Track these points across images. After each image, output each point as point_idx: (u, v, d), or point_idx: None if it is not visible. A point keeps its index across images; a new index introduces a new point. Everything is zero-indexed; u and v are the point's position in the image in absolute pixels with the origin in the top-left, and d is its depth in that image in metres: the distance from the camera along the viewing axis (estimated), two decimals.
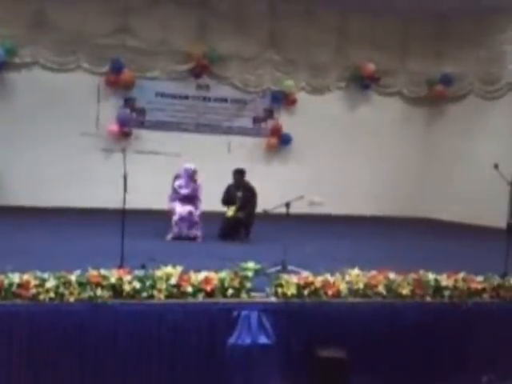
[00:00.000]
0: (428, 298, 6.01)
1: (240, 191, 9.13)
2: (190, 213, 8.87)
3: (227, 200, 9.19)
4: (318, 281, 5.80)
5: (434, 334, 5.92)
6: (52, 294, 5.15)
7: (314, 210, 11.54)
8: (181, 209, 8.87)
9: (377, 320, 5.80)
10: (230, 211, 9.05)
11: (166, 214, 9.05)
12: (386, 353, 5.77)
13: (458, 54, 13.02)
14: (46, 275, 5.27)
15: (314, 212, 11.72)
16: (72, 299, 5.19)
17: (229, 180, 9.31)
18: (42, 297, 5.13)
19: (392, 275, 6.05)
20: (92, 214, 10.74)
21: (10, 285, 5.12)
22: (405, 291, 5.94)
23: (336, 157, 13.07)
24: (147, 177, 10.71)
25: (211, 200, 9.01)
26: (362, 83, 13.35)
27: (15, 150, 11.14)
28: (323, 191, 12.31)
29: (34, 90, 11.36)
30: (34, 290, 5.13)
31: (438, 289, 6.06)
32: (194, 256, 7.18)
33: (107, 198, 9.27)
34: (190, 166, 9.07)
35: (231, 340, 5.39)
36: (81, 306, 5.19)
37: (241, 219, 9.03)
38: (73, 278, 5.28)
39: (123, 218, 6.39)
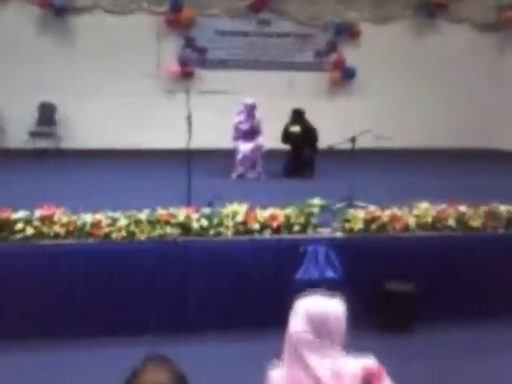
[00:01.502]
0: (500, 231, 5.89)
1: (297, 126, 9.14)
2: (253, 150, 8.93)
3: (286, 138, 9.22)
4: (386, 215, 5.76)
5: (506, 266, 5.82)
6: (123, 233, 5.33)
7: (381, 144, 11.34)
8: (244, 147, 8.94)
9: (446, 253, 5.75)
10: (295, 128, 9.11)
11: (231, 153, 9.13)
12: (456, 287, 5.73)
13: None
14: (117, 215, 5.45)
15: (380, 146, 11.54)
16: (143, 237, 5.36)
17: None
18: (114, 235, 5.33)
19: (462, 208, 5.95)
20: (157, 155, 10.91)
21: (83, 224, 5.34)
22: (476, 224, 5.84)
23: (403, 89, 12.67)
24: (210, 116, 10.74)
25: (274, 137, 9.02)
26: (430, 11, 12.79)
27: (80, 93, 11.32)
28: (390, 125, 12.03)
29: (96, 34, 11.43)
30: (106, 229, 5.33)
31: (510, 221, 5.92)
32: (259, 193, 7.23)
33: (171, 138, 9.38)
34: (248, 100, 9.10)
35: (298, 275, 5.46)
36: (151, 243, 5.37)
37: (304, 157, 9.03)
38: (143, 216, 5.44)
39: (189, 158, 6.49)
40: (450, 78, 12.82)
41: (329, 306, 2.41)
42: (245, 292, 5.47)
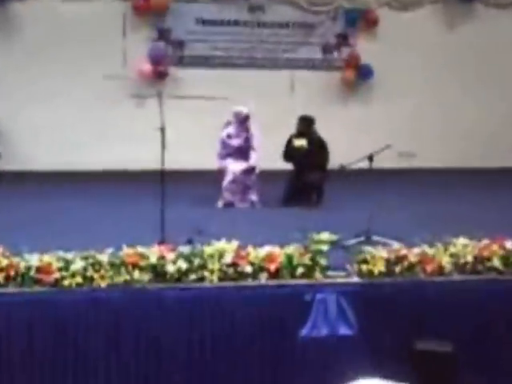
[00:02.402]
0: None
1: (303, 139, 9.15)
2: (246, 172, 8.92)
3: (289, 154, 9.21)
4: (414, 254, 5.79)
5: None
6: (79, 279, 5.30)
7: (405, 163, 11.39)
8: (234, 167, 8.93)
9: (491, 302, 5.74)
10: (300, 141, 9.15)
11: (216, 175, 9.11)
12: (505, 344, 5.71)
13: None
14: (70, 256, 5.42)
15: (404, 166, 11.59)
16: (104, 284, 5.32)
17: (292, 127, 9.31)
18: (66, 282, 5.28)
19: (510, 244, 5.97)
20: (122, 177, 10.90)
21: (28, 269, 5.29)
22: None
23: (432, 92, 12.77)
24: (189, 128, 10.78)
25: (272, 155, 9.03)
26: None
27: (25, 101, 11.33)
28: (416, 138, 12.12)
29: (46, 25, 11.47)
30: (57, 275, 5.29)
31: None
32: (252, 227, 7.25)
33: (141, 156, 9.40)
34: (241, 109, 9.11)
35: (303, 331, 5.45)
36: (114, 292, 5.32)
37: (311, 180, 9.03)
38: (104, 258, 5.41)
39: (162, 181, 6.46)
40: (490, 76, 12.92)
41: None
42: (235, 354, 5.44)
